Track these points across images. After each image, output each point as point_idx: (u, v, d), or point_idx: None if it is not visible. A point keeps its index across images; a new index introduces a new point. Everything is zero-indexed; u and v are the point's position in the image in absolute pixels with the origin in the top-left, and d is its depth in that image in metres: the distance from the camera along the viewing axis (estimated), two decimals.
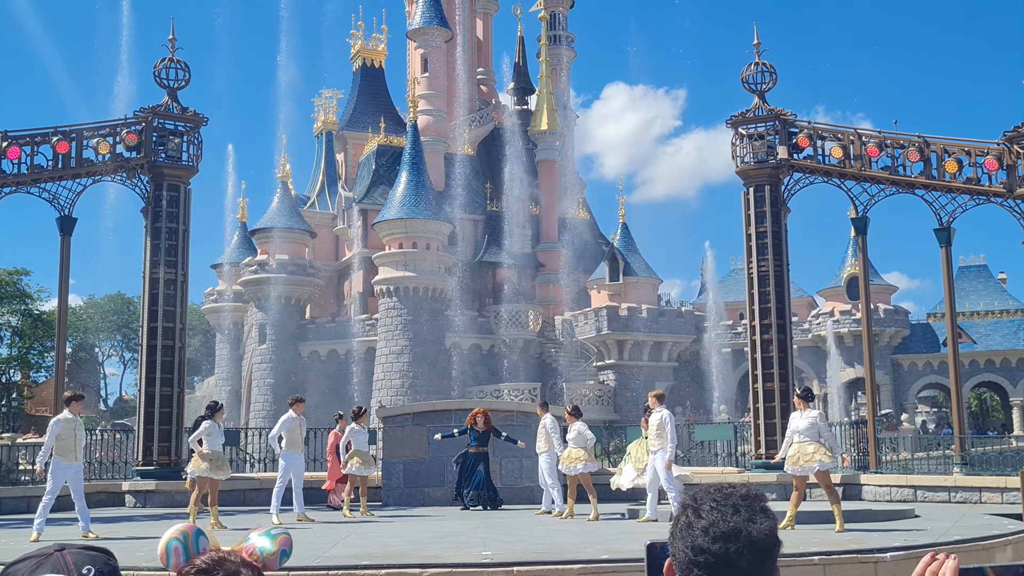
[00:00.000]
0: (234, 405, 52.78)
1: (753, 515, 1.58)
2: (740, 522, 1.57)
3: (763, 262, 17.73)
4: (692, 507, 1.62)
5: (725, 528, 1.56)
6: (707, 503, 1.60)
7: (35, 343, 56.46)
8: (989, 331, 52.33)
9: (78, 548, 1.49)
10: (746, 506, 1.59)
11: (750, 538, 1.56)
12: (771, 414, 17.15)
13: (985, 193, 17.14)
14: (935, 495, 15.67)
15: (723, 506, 1.59)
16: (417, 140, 50.49)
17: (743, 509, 1.59)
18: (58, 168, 17.18)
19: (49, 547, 1.51)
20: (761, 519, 1.59)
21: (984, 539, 9.88)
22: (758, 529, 1.57)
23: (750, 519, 1.58)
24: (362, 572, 7.96)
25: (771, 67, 18.49)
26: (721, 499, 1.61)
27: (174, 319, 17.50)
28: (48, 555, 1.46)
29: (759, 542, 1.56)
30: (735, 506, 1.59)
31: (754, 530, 1.56)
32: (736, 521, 1.57)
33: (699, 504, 1.61)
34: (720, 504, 1.59)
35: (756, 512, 1.59)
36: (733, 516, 1.57)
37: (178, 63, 18.29)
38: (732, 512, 1.58)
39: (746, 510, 1.59)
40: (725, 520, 1.57)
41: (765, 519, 1.59)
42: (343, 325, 52.09)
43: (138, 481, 16.86)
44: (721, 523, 1.56)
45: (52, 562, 1.44)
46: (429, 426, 16.94)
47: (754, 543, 1.56)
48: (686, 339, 52.69)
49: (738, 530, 1.56)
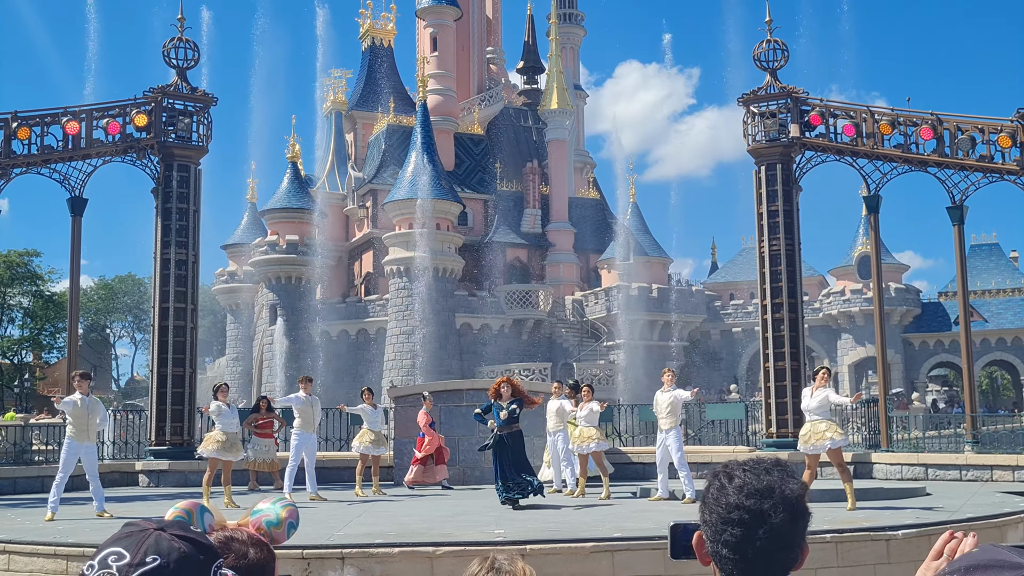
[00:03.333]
0: (245, 385, 53.05)
1: (785, 476, 1.63)
2: (773, 481, 1.61)
3: (774, 241, 17.64)
4: (724, 473, 1.65)
5: (759, 485, 1.60)
6: (738, 469, 1.65)
7: (47, 324, 56.79)
8: (1001, 309, 52.07)
9: (172, 535, 1.41)
10: (778, 469, 1.64)
11: (783, 495, 1.59)
12: (782, 393, 17.12)
13: (998, 171, 16.99)
14: (946, 473, 15.65)
15: (755, 469, 1.63)
16: (427, 120, 50.32)
17: (775, 471, 1.63)
18: (68, 149, 17.19)
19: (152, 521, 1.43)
20: (792, 481, 1.64)
21: (996, 517, 9.87)
22: (791, 488, 1.61)
23: (782, 480, 1.62)
24: (376, 550, 8.00)
25: (783, 45, 18.32)
26: (752, 465, 1.65)
27: (185, 299, 17.55)
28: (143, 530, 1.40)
29: (792, 501, 1.60)
30: (767, 469, 1.64)
31: (787, 488, 1.61)
32: (768, 480, 1.61)
33: (731, 470, 1.65)
34: (752, 468, 1.64)
35: (787, 475, 1.64)
36: (765, 476, 1.62)
37: (187, 43, 18.23)
38: (764, 473, 1.62)
39: (778, 472, 1.64)
40: (759, 479, 1.61)
41: (795, 482, 1.64)
42: (353, 305, 52.19)
43: (151, 461, 16.98)
44: (755, 482, 1.60)
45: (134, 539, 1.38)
46: (440, 405, 16.98)
47: (787, 500, 1.59)
48: (697, 319, 52.61)
49: (771, 488, 1.60)
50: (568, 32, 61.23)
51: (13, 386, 58.32)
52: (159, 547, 1.38)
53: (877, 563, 8.53)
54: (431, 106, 52.34)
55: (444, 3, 55.66)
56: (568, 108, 56.46)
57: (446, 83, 55.64)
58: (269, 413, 16.33)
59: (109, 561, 1.36)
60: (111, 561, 1.36)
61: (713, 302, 54.23)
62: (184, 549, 1.40)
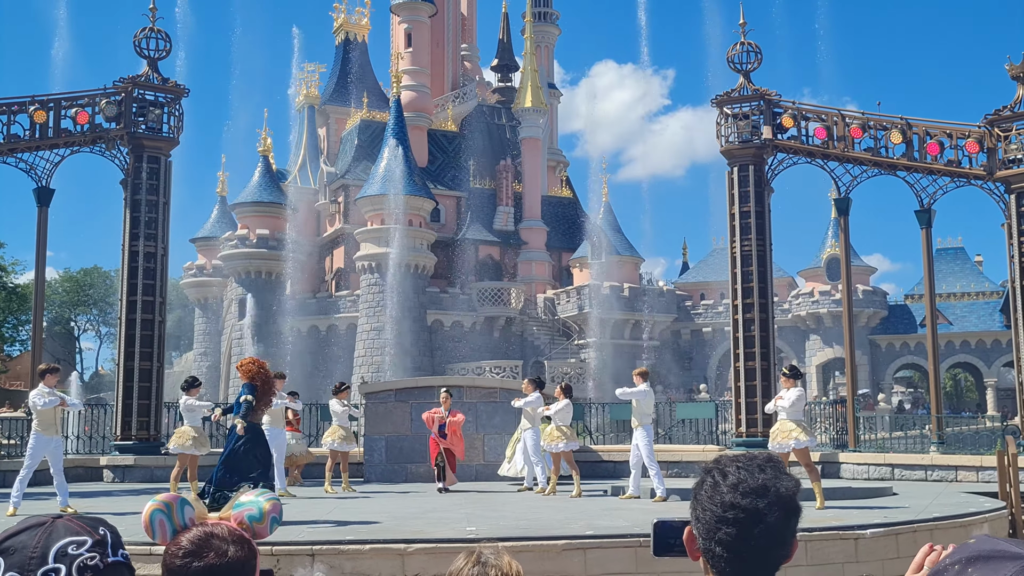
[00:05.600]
0: (213, 381, 52.53)
1: (779, 474, 1.62)
2: (767, 479, 1.59)
3: (746, 242, 17.77)
4: (717, 470, 1.63)
5: (754, 484, 1.58)
6: (731, 465, 1.62)
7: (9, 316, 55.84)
8: (965, 312, 52.92)
9: (69, 518, 1.42)
10: (771, 466, 1.63)
11: (778, 494, 1.58)
12: (752, 392, 17.26)
13: (966, 175, 17.24)
14: (912, 473, 15.86)
15: (749, 466, 1.61)
16: (400, 116, 50.11)
17: (768, 469, 1.62)
18: (35, 138, 16.90)
19: (42, 516, 1.44)
20: (786, 479, 1.62)
21: (962, 516, 10.01)
22: (785, 486, 1.60)
23: (776, 477, 1.61)
24: (346, 547, 7.94)
25: (756, 47, 18.45)
26: (745, 461, 1.63)
27: (154, 293, 17.32)
28: (47, 522, 1.39)
29: (787, 499, 1.59)
30: (760, 466, 1.62)
31: (782, 486, 1.59)
32: (763, 478, 1.59)
33: (724, 467, 1.63)
34: (746, 465, 1.62)
35: (781, 472, 1.63)
36: (760, 474, 1.60)
37: (159, 33, 17.98)
38: (758, 471, 1.61)
39: (771, 469, 1.62)
40: (753, 477, 1.59)
41: (789, 479, 1.63)
42: (324, 301, 51.87)
43: (116, 456, 16.74)
44: (750, 479, 1.59)
45: (62, 527, 1.38)
46: (412, 402, 16.91)
47: (782, 499, 1.58)
48: (668, 318, 52.89)
49: (766, 486, 1.58)
50: (542, 31, 61.26)
51: None
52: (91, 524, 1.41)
53: (846, 562, 8.62)
54: (405, 102, 52.13)
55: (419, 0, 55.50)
56: (542, 107, 56.50)
57: (420, 79, 55.45)
58: None
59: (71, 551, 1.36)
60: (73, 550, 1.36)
61: (684, 302, 54.56)
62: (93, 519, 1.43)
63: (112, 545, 1.39)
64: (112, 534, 1.41)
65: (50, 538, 1.37)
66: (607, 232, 52.02)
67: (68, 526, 1.39)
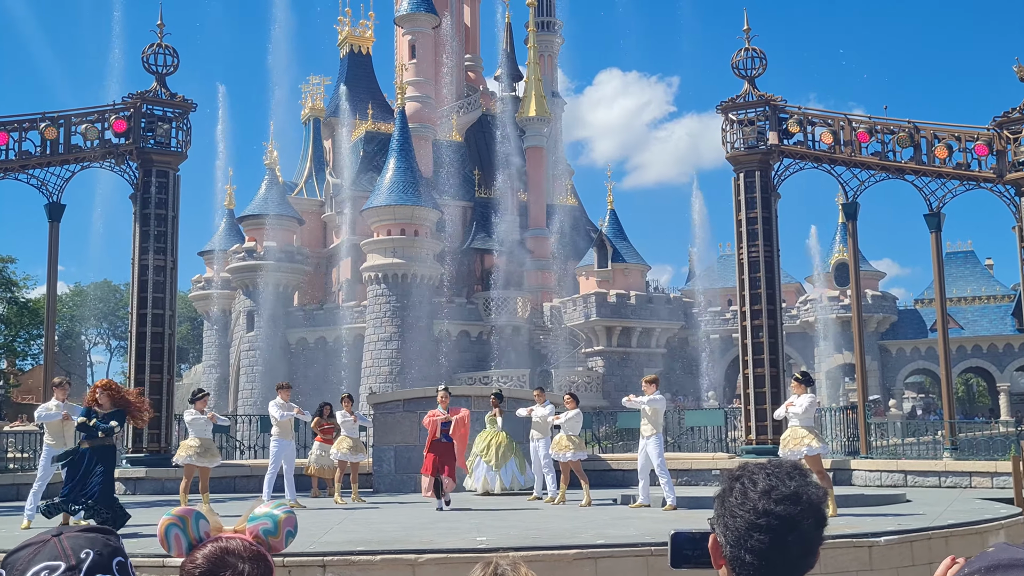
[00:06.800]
0: (222, 392, 52.59)
1: (807, 482, 1.61)
2: (798, 487, 1.59)
3: (753, 248, 17.74)
4: (746, 477, 1.62)
5: (786, 491, 1.57)
6: (760, 473, 1.61)
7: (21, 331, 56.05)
8: (976, 317, 52.67)
9: (76, 532, 1.43)
10: (799, 474, 1.62)
11: (810, 501, 1.58)
12: (761, 399, 17.20)
13: (975, 178, 17.18)
14: (925, 480, 15.76)
15: (778, 473, 1.61)
16: (405, 126, 50.23)
17: (797, 476, 1.61)
18: (46, 154, 17.00)
19: (46, 533, 1.45)
20: (814, 486, 1.61)
21: (978, 523, 9.93)
22: (815, 494, 1.60)
23: (805, 484, 1.60)
24: (357, 558, 7.93)
25: (761, 53, 18.45)
26: (773, 469, 1.62)
27: (164, 306, 17.38)
28: (46, 541, 1.40)
29: (816, 506, 1.59)
30: (789, 473, 1.61)
31: (812, 494, 1.59)
32: (794, 486, 1.59)
33: (752, 473, 1.62)
34: (775, 472, 1.61)
35: (808, 480, 1.62)
36: (790, 482, 1.59)
37: (166, 48, 18.09)
38: (788, 478, 1.60)
39: (800, 477, 1.61)
40: (785, 484, 1.58)
41: (817, 487, 1.62)
42: (331, 312, 51.91)
43: (128, 468, 16.77)
44: (781, 487, 1.58)
45: (49, 549, 1.38)
46: (419, 412, 16.88)
47: (814, 506, 1.58)
48: (675, 325, 52.78)
49: (799, 493, 1.58)
50: (546, 40, 61.38)
51: None
52: (78, 545, 1.40)
53: (860, 570, 8.56)
54: (409, 113, 52.26)
55: (422, 11, 55.66)
56: (546, 115, 56.57)
57: (424, 90, 55.60)
58: (331, 419, 15.84)
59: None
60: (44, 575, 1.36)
61: (691, 309, 54.43)
62: (93, 536, 1.42)
63: (88, 569, 1.38)
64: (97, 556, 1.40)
65: (34, 559, 1.38)
66: (613, 240, 51.99)
67: (55, 548, 1.39)
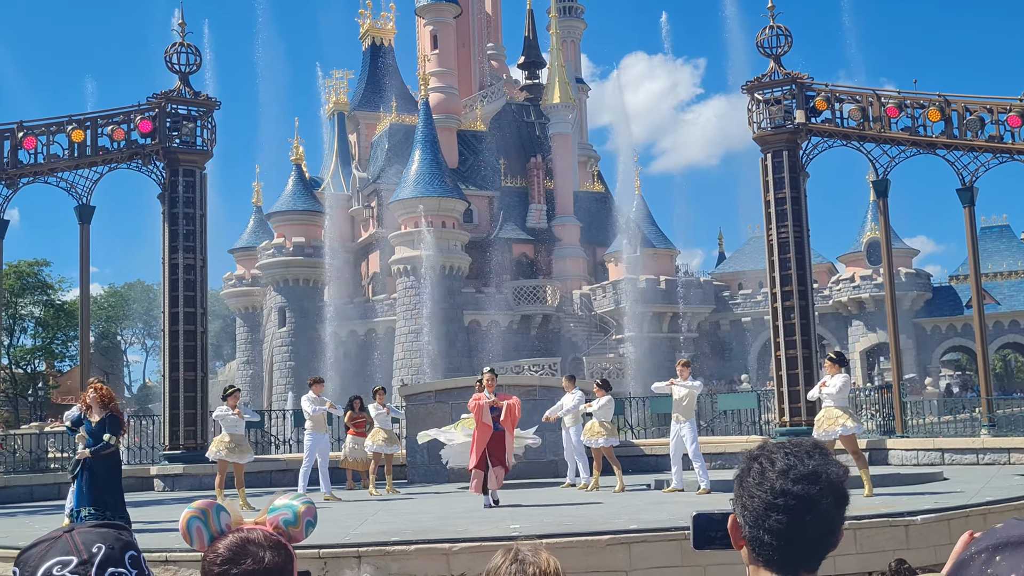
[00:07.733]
0: (257, 388, 53.17)
1: (827, 460, 1.58)
2: (817, 465, 1.56)
3: (783, 229, 17.55)
4: (764, 456, 1.60)
5: (805, 470, 1.55)
6: (778, 452, 1.59)
7: (58, 333, 57.04)
8: (1013, 291, 51.81)
9: (88, 527, 1.46)
10: (819, 452, 1.59)
11: (829, 480, 1.55)
12: (794, 381, 17.04)
13: (1008, 151, 16.84)
14: (963, 458, 15.55)
15: (797, 452, 1.58)
16: (429, 118, 50.28)
17: (816, 455, 1.58)
18: (74, 157, 17.21)
19: (59, 530, 1.48)
20: (835, 465, 1.59)
21: (1016, 499, 9.78)
22: (835, 472, 1.57)
23: (825, 463, 1.57)
24: (392, 548, 7.98)
25: (786, 30, 18.20)
26: (792, 448, 1.60)
27: (195, 304, 17.56)
28: (58, 537, 1.43)
29: (837, 485, 1.56)
30: (808, 452, 1.58)
31: (832, 473, 1.56)
32: (813, 464, 1.56)
33: (771, 453, 1.60)
34: (793, 451, 1.59)
35: (829, 458, 1.59)
36: (809, 460, 1.57)
37: (188, 47, 18.21)
38: (807, 457, 1.57)
39: (819, 456, 1.59)
40: (803, 463, 1.56)
41: (838, 466, 1.60)
42: (362, 306, 52.22)
43: (166, 465, 17.00)
44: (800, 466, 1.56)
45: (61, 544, 1.41)
46: (451, 403, 16.95)
47: (833, 485, 1.56)
48: (705, 309, 52.48)
49: (818, 472, 1.55)
50: (568, 26, 61.06)
51: (27, 395, 58.55)
52: (89, 540, 1.42)
53: (896, 549, 8.46)
54: (433, 104, 52.28)
55: (444, 1, 55.58)
56: (570, 102, 56.32)
57: (447, 80, 55.57)
58: (362, 412, 16.00)
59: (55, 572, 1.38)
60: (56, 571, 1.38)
61: (721, 292, 54.07)
62: (105, 531, 1.44)
63: (100, 564, 1.40)
64: (109, 550, 1.41)
65: (46, 556, 1.40)
66: (641, 225, 51.73)
67: (67, 543, 1.42)
